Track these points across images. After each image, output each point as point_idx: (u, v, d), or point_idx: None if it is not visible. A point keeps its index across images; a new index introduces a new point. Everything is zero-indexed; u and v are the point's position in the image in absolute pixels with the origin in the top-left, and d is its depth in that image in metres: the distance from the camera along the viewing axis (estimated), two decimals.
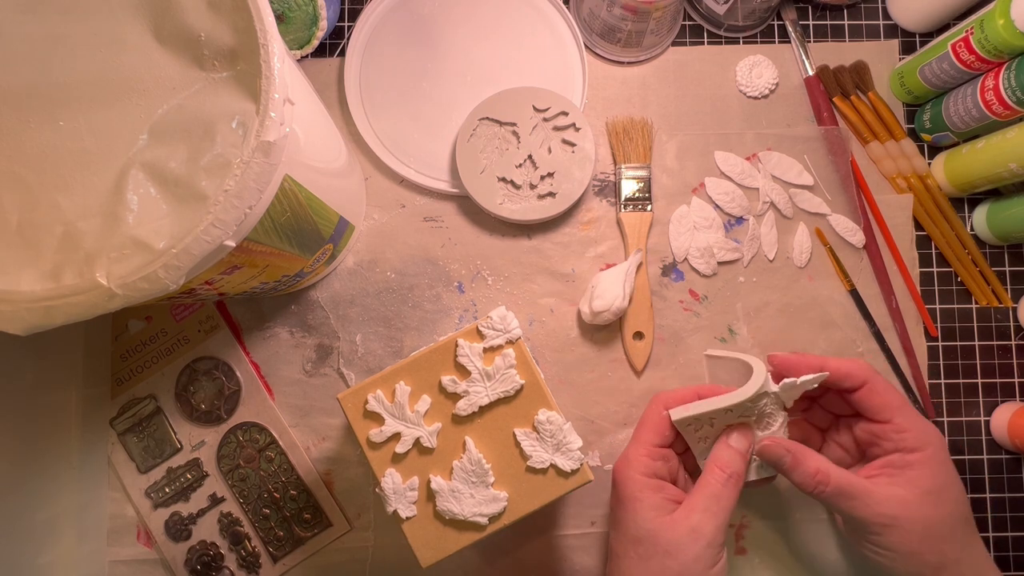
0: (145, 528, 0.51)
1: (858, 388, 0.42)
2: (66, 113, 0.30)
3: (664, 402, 0.43)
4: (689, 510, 0.39)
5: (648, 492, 0.40)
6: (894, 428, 0.41)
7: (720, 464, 0.41)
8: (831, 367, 0.42)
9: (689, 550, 0.38)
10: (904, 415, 0.41)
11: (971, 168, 0.51)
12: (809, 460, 0.40)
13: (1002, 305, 0.54)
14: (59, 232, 0.29)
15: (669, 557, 0.38)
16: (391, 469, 0.39)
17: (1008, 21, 0.44)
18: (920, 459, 0.40)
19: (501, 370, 0.40)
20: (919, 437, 0.41)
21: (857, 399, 0.42)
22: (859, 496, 0.39)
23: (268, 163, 0.29)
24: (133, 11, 0.31)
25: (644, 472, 0.41)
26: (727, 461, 0.41)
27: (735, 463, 0.41)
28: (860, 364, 0.43)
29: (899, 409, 0.41)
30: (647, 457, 0.42)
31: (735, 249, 0.53)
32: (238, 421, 0.52)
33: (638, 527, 0.39)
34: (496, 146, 0.52)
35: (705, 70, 0.56)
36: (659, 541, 0.38)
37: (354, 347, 0.52)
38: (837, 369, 0.42)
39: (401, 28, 0.54)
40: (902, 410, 0.41)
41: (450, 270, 0.53)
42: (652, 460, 0.42)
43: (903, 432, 0.41)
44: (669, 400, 0.44)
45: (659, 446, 0.42)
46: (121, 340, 0.52)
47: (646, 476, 0.41)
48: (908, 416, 0.41)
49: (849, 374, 0.42)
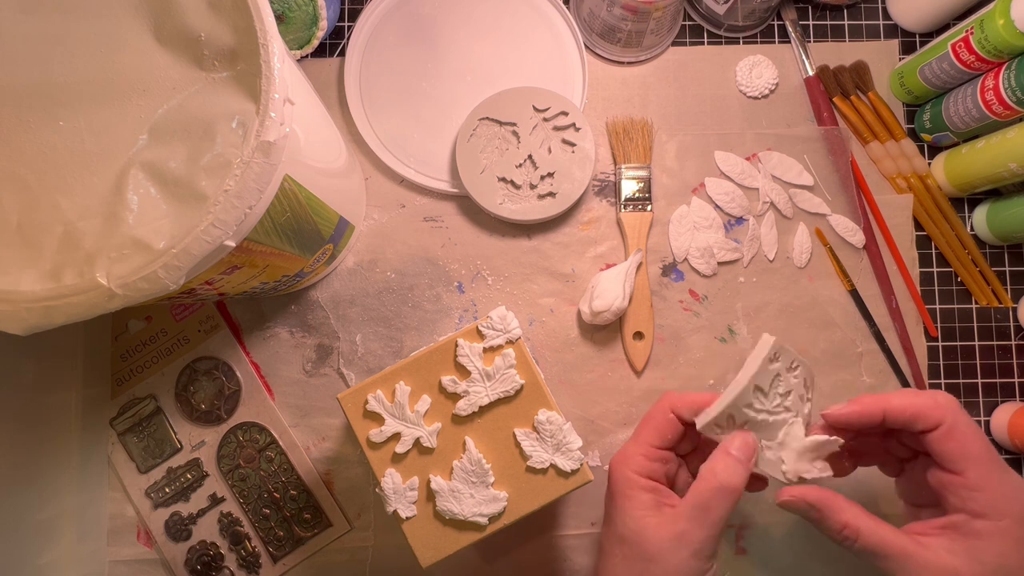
0: (145, 528, 0.51)
1: (931, 430, 0.35)
2: (66, 113, 0.30)
3: (672, 404, 0.40)
4: (676, 516, 0.36)
5: (639, 491, 0.38)
6: (964, 483, 0.34)
7: (714, 471, 0.37)
8: (893, 408, 0.36)
9: (672, 558, 0.35)
10: (982, 469, 0.34)
11: (971, 168, 0.51)
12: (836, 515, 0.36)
13: (1002, 305, 0.54)
14: (59, 232, 0.29)
15: (652, 562, 0.36)
16: (391, 469, 0.39)
17: (1008, 21, 0.44)
18: (990, 529, 0.33)
19: (501, 370, 0.40)
20: (994, 501, 0.34)
21: (929, 442, 0.36)
22: (894, 558, 0.34)
23: (268, 163, 0.29)
24: (133, 11, 0.31)
25: (639, 471, 0.39)
26: (722, 469, 0.37)
27: (731, 473, 0.36)
28: (938, 402, 0.35)
29: (976, 460, 0.34)
30: (644, 456, 0.39)
31: (735, 249, 0.53)
32: (238, 421, 0.52)
33: (624, 525, 0.37)
34: (496, 146, 0.52)
35: (705, 70, 0.56)
36: (643, 543, 0.36)
37: (354, 347, 0.52)
38: (902, 410, 0.36)
39: (401, 28, 0.54)
40: (981, 462, 0.34)
41: (450, 270, 0.53)
42: (649, 460, 0.39)
43: (975, 491, 0.34)
44: (678, 403, 0.40)
45: (659, 447, 0.40)
46: (121, 340, 0.52)
47: (640, 475, 0.39)
48: (987, 471, 0.34)
49: (919, 414, 0.35)
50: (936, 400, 0.36)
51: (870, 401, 0.37)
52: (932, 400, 0.36)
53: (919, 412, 0.35)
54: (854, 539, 0.35)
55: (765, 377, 0.38)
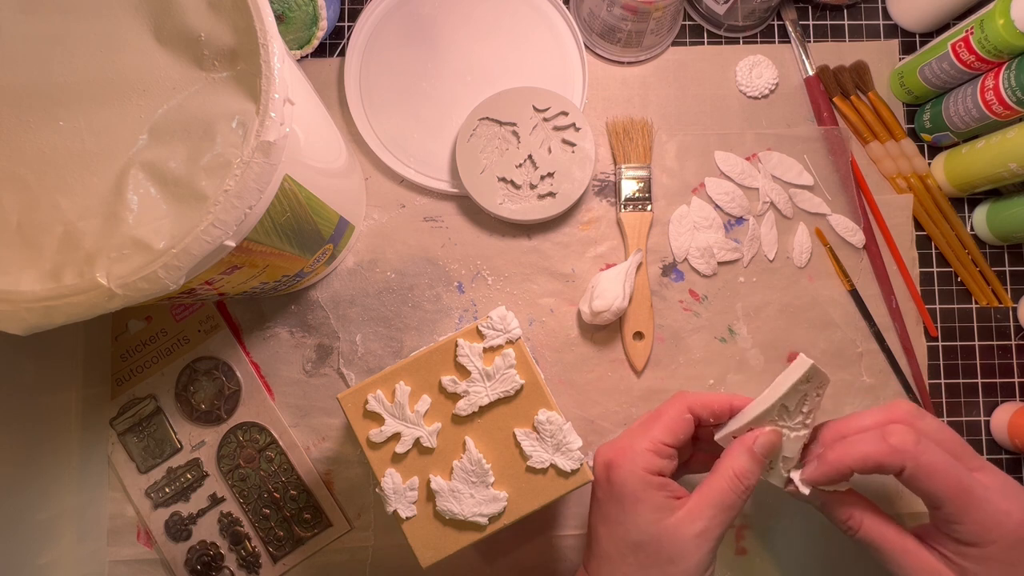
0: (145, 528, 0.51)
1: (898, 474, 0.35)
2: (66, 113, 0.30)
3: (689, 404, 0.40)
4: (695, 515, 0.36)
5: (652, 491, 0.37)
6: (944, 517, 0.35)
7: (739, 473, 0.37)
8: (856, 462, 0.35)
9: (693, 556, 0.36)
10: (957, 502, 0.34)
11: (971, 168, 0.51)
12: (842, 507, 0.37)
13: (1002, 305, 0.54)
14: (59, 232, 0.29)
15: (672, 564, 0.36)
16: (391, 469, 0.39)
17: (1008, 21, 0.44)
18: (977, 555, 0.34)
19: (501, 370, 0.40)
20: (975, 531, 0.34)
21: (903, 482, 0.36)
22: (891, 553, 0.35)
23: (268, 163, 0.29)
24: (133, 11, 0.31)
25: (649, 469, 0.38)
26: (747, 471, 0.37)
27: (754, 474, 0.37)
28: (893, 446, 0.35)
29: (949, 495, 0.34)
30: (655, 453, 0.38)
31: (735, 249, 0.53)
32: (238, 421, 0.52)
33: (640, 531, 0.37)
34: (496, 146, 0.52)
35: (705, 70, 0.56)
36: (663, 547, 0.36)
37: (354, 347, 0.52)
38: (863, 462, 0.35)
39: (401, 28, 0.54)
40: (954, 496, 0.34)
41: (450, 270, 0.53)
42: (660, 458, 0.39)
43: (955, 524, 0.34)
44: (695, 404, 0.40)
45: (671, 445, 0.39)
46: (121, 340, 0.52)
47: (651, 473, 0.38)
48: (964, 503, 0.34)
49: (880, 464, 0.35)
50: (890, 444, 0.35)
51: (835, 459, 0.36)
52: (887, 446, 0.35)
53: (880, 462, 0.35)
54: (856, 529, 0.37)
55: (793, 397, 0.38)
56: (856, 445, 0.36)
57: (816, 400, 0.39)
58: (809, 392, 0.38)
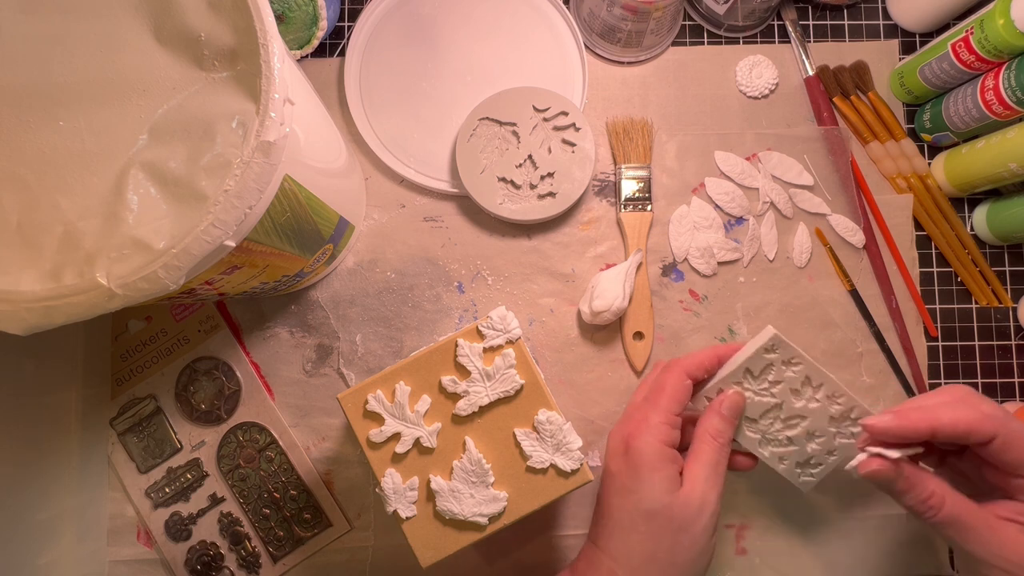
0: (145, 528, 0.51)
1: (986, 443, 0.36)
2: (66, 113, 0.30)
3: (686, 369, 0.42)
4: (694, 483, 0.39)
5: (667, 463, 0.39)
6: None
7: (712, 433, 0.40)
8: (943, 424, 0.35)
9: (699, 522, 0.38)
10: None
11: (971, 168, 0.51)
12: (925, 483, 0.36)
13: (1002, 305, 0.54)
14: (59, 232, 0.29)
15: (682, 532, 0.38)
16: (391, 469, 0.39)
17: (1008, 21, 0.44)
18: None
19: (501, 370, 0.40)
20: None
21: (986, 453, 0.36)
22: (978, 529, 0.35)
23: (268, 163, 0.29)
24: (133, 11, 0.31)
25: (665, 441, 0.40)
26: (719, 430, 0.40)
27: (726, 432, 0.41)
28: (986, 414, 0.35)
29: None
30: (668, 425, 0.40)
31: (735, 249, 0.53)
32: (238, 421, 0.52)
33: (654, 500, 0.38)
34: (496, 146, 0.52)
35: (705, 70, 0.56)
36: (673, 516, 0.38)
37: (354, 347, 0.52)
38: (952, 426, 0.35)
39: (401, 28, 0.54)
40: None
41: (450, 270, 0.53)
42: (672, 428, 0.40)
43: None
44: (690, 367, 0.42)
45: (677, 414, 0.41)
46: (121, 340, 0.52)
47: (666, 445, 0.40)
48: None
49: (971, 431, 0.35)
50: (984, 412, 0.35)
51: (917, 417, 0.36)
52: (981, 414, 0.35)
53: (971, 428, 0.35)
54: (939, 508, 0.35)
55: (758, 363, 0.41)
56: (943, 410, 0.36)
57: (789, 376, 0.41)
58: (775, 363, 0.41)
